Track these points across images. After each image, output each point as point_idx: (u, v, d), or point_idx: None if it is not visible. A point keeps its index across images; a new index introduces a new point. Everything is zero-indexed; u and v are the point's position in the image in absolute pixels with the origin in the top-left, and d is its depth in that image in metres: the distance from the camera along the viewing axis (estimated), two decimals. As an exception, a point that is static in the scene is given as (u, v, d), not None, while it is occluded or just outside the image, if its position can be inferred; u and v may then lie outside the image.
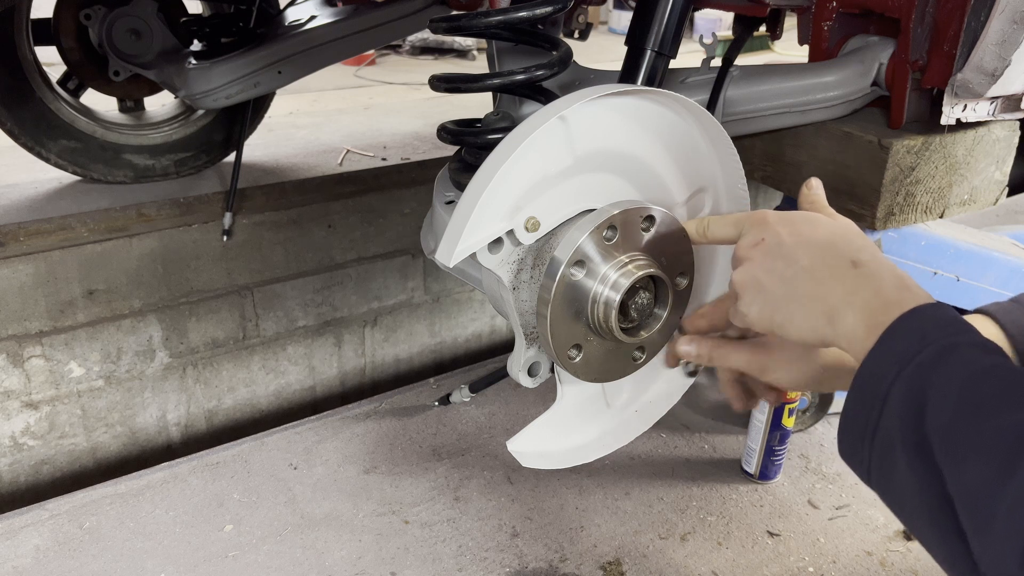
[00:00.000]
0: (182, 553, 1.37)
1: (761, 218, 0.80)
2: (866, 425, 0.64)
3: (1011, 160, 1.52)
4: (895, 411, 0.62)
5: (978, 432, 0.56)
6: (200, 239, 2.11)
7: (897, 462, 0.61)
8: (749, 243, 0.79)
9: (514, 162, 0.82)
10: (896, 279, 0.70)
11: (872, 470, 0.65)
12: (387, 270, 2.45)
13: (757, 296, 0.77)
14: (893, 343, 0.65)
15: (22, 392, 1.99)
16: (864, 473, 0.66)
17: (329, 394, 2.52)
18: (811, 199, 0.86)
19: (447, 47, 5.14)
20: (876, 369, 0.65)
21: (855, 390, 0.66)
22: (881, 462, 0.63)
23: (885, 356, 0.65)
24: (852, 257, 0.73)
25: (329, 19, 2.10)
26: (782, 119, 1.47)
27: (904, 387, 0.61)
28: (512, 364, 0.96)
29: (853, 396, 0.66)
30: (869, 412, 0.64)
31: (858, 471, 0.67)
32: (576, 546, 1.38)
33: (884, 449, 0.63)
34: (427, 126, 3.03)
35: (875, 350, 0.66)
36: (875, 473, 0.65)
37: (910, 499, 0.61)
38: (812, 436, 1.66)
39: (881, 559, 1.36)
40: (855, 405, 0.66)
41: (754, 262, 0.78)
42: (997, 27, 1.20)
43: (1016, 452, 0.53)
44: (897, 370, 0.62)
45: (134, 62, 2.14)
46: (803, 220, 0.78)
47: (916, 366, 0.62)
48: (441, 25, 1.08)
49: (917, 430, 0.59)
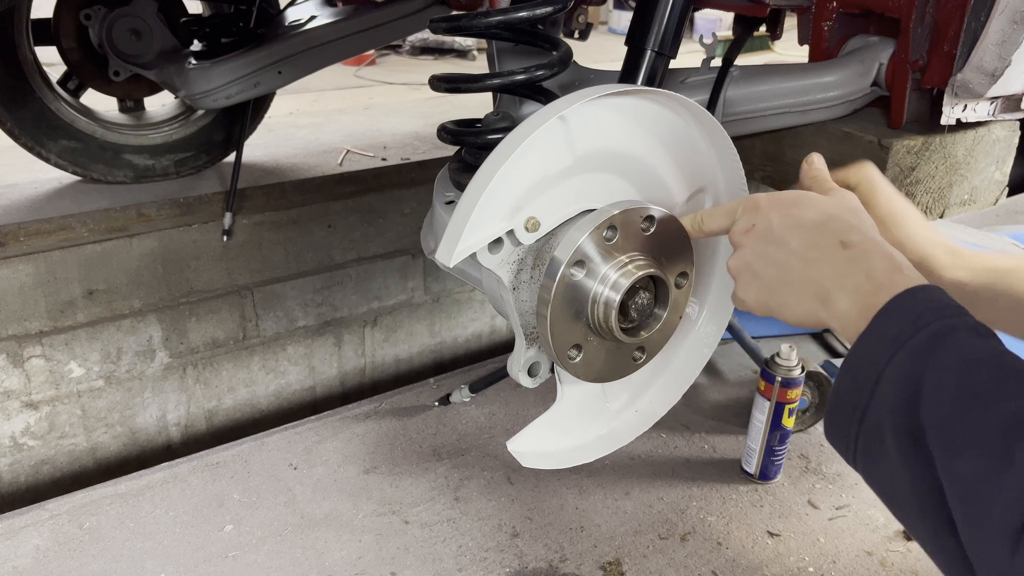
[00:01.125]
0: (182, 553, 1.37)
1: (752, 204, 0.80)
2: (855, 408, 0.64)
3: (1011, 160, 1.52)
4: (887, 397, 0.61)
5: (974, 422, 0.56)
6: (200, 239, 2.11)
7: (887, 447, 0.61)
8: (741, 229, 0.79)
9: (514, 162, 0.81)
10: (887, 260, 0.70)
11: (858, 453, 0.65)
12: (387, 270, 2.45)
13: (752, 282, 0.78)
14: (885, 327, 0.65)
15: (22, 392, 1.99)
16: (849, 455, 0.66)
17: (329, 394, 2.52)
18: (812, 175, 0.86)
19: (447, 47, 5.14)
20: (868, 353, 0.65)
21: (845, 371, 0.66)
22: (868, 446, 0.63)
23: (877, 340, 0.65)
24: (841, 238, 0.73)
25: (329, 19, 2.10)
26: (782, 119, 1.47)
27: (897, 373, 0.61)
28: (512, 364, 0.96)
29: (843, 378, 0.66)
30: (859, 395, 0.64)
31: (843, 452, 0.67)
32: (576, 546, 1.38)
33: (872, 433, 0.63)
34: (427, 126, 3.03)
35: (866, 333, 0.66)
36: (861, 456, 0.65)
37: (899, 485, 0.61)
38: (812, 436, 1.66)
39: (881, 559, 1.36)
40: (845, 387, 0.66)
41: (746, 248, 0.78)
42: (997, 27, 1.20)
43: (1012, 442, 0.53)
44: (889, 355, 0.62)
45: (134, 62, 2.14)
46: (793, 201, 0.78)
47: (909, 351, 0.61)
48: (441, 25, 1.08)
49: (910, 417, 0.59)
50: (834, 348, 2.00)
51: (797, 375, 1.43)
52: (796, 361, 1.44)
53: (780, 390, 1.43)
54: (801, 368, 1.44)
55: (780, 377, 1.43)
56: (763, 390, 1.45)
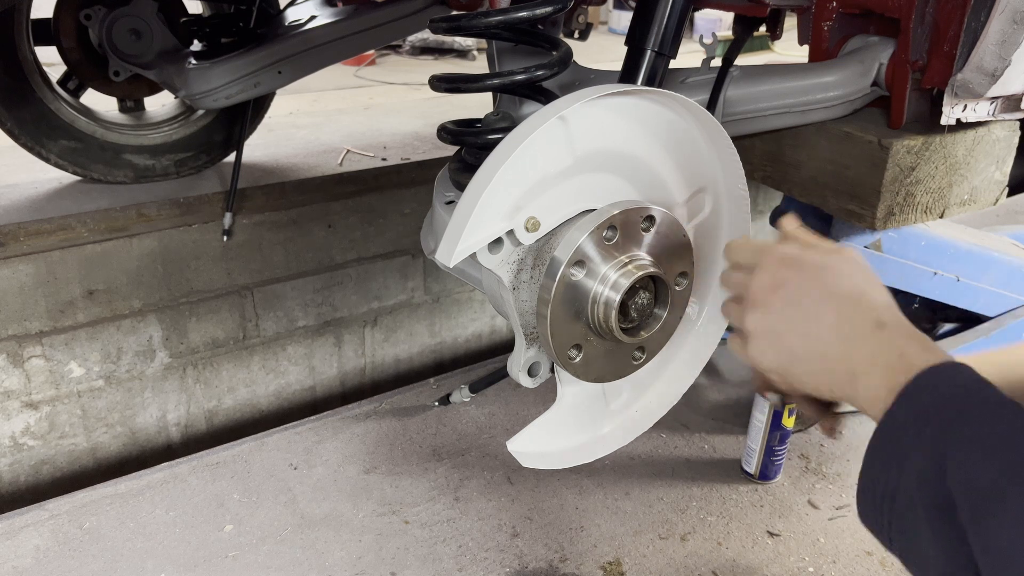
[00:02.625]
0: (182, 553, 1.37)
1: (778, 259, 0.75)
2: (886, 485, 0.62)
3: (1011, 160, 1.52)
4: (915, 470, 0.59)
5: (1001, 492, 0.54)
6: (200, 239, 2.11)
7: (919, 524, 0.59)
8: (766, 286, 0.75)
9: (514, 162, 0.81)
10: (920, 341, 0.68)
11: (893, 533, 0.62)
12: (387, 270, 2.45)
13: (773, 346, 0.74)
14: (912, 402, 0.63)
15: (22, 392, 1.99)
16: (885, 537, 0.64)
17: (329, 394, 2.52)
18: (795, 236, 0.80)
19: (447, 47, 5.14)
20: (894, 428, 0.63)
21: (872, 450, 0.64)
22: (902, 524, 0.61)
23: (904, 415, 0.63)
24: (878, 317, 0.70)
25: (329, 19, 2.10)
26: (782, 119, 1.46)
27: (924, 444, 0.59)
28: (512, 364, 0.96)
29: (871, 456, 0.64)
30: (888, 472, 0.62)
31: (878, 535, 0.65)
32: (576, 546, 1.38)
33: (904, 510, 0.60)
34: (427, 126, 3.03)
35: (893, 408, 0.64)
36: (896, 537, 0.62)
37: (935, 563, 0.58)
38: (812, 436, 1.66)
39: (881, 559, 1.36)
40: (873, 465, 0.64)
41: (772, 310, 0.74)
42: (997, 27, 1.20)
43: None
44: (917, 429, 0.60)
45: (134, 62, 2.14)
46: (823, 266, 0.74)
47: (935, 426, 0.60)
48: (441, 25, 1.08)
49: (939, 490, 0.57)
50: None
51: (797, 375, 1.43)
52: (796, 361, 1.44)
53: (780, 390, 1.43)
54: (801, 368, 1.44)
55: (780, 377, 1.43)
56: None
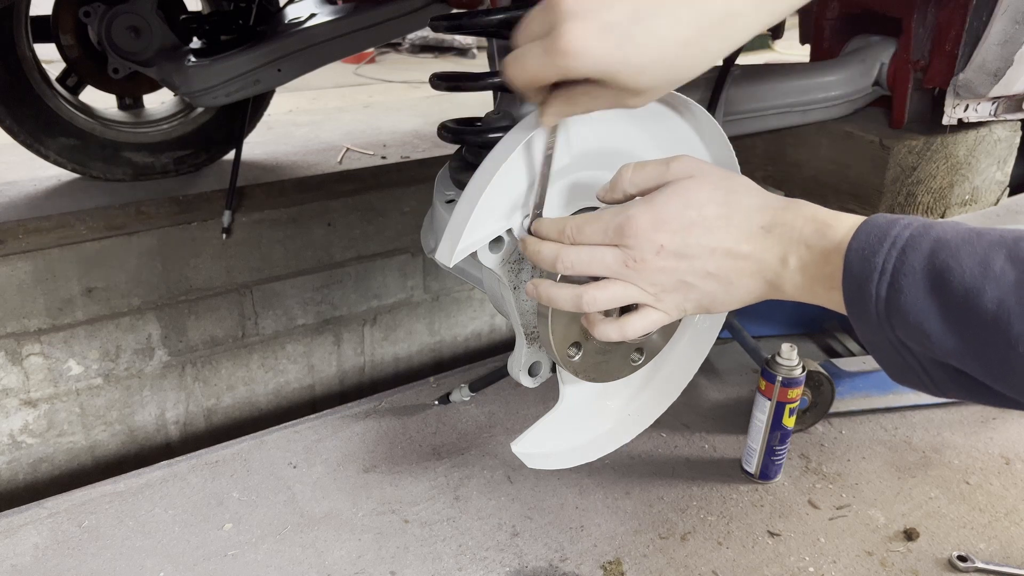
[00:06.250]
0: (181, 552, 1.37)
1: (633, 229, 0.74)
2: (884, 264, 0.64)
3: (1012, 160, 1.52)
4: (899, 260, 0.63)
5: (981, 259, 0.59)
6: (199, 237, 2.10)
7: (917, 286, 0.62)
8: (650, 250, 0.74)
9: (514, 161, 0.81)
10: (811, 222, 0.70)
11: (886, 301, 0.64)
12: (387, 269, 2.45)
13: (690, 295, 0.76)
14: (866, 233, 0.66)
15: (20, 390, 1.99)
16: (873, 309, 0.66)
17: (328, 393, 2.52)
18: (635, 180, 0.78)
19: (447, 45, 5.14)
20: (868, 243, 0.65)
21: (853, 252, 0.66)
22: (893, 292, 0.63)
23: (870, 234, 0.65)
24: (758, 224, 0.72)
25: (329, 17, 2.09)
26: (783, 119, 1.46)
27: (910, 235, 0.63)
28: (512, 364, 0.96)
29: (852, 259, 0.66)
30: (872, 269, 0.64)
31: (865, 308, 0.66)
32: (576, 545, 1.38)
33: (900, 277, 0.63)
34: (427, 124, 3.02)
35: (857, 234, 0.66)
36: (890, 304, 0.64)
37: (930, 324, 0.62)
38: (812, 436, 1.66)
39: (882, 559, 1.36)
40: (857, 267, 0.66)
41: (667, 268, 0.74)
42: (999, 27, 1.20)
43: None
44: (888, 244, 0.64)
45: (133, 59, 2.13)
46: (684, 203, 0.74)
47: (902, 242, 0.63)
48: (442, 24, 1.07)
49: (931, 262, 0.61)
50: (834, 349, 2.00)
51: (798, 375, 1.43)
52: (797, 361, 1.44)
53: (781, 389, 1.43)
54: (802, 368, 1.44)
55: (781, 376, 1.43)
56: (764, 390, 1.45)
